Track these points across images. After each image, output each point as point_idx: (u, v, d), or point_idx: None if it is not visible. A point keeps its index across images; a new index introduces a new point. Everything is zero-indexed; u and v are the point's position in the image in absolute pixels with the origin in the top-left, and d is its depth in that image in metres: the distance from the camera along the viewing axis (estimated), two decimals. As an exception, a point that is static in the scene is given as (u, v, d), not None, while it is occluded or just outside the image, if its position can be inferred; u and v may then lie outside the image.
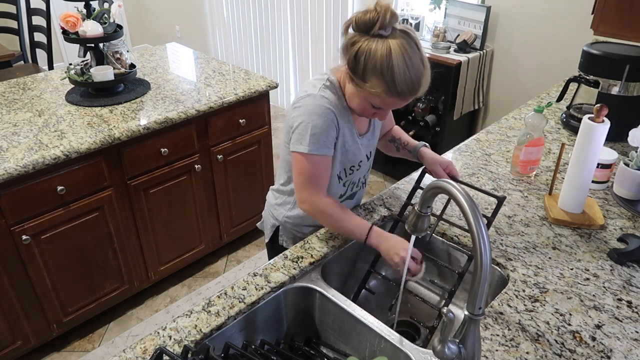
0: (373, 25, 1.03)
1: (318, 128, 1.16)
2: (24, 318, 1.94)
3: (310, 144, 1.16)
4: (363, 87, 1.09)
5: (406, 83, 1.05)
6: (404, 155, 1.47)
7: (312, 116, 1.16)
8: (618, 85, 1.74)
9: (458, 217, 1.40)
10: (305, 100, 1.18)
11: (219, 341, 1.05)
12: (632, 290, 1.15)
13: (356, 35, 1.07)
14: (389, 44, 1.03)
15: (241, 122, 2.37)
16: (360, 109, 1.17)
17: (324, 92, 1.18)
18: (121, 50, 2.25)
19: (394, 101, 1.10)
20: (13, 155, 1.75)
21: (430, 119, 3.09)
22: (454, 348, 0.84)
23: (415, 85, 1.07)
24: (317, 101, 1.17)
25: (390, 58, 1.03)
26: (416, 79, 1.06)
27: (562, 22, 2.67)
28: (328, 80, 1.20)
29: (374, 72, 1.05)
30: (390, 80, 1.05)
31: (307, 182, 1.21)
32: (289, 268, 1.22)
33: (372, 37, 1.05)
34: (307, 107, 1.17)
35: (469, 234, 1.09)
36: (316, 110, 1.16)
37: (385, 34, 1.05)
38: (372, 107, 1.14)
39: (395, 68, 1.03)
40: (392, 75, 1.04)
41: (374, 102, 1.12)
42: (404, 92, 1.07)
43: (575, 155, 1.33)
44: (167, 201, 2.24)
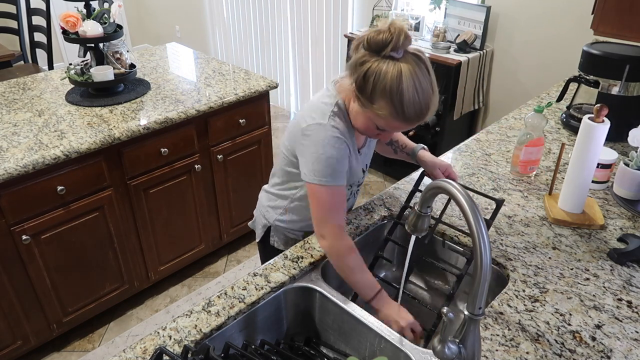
0: (385, 46, 1.01)
1: (334, 159, 1.14)
2: (24, 318, 1.94)
3: (327, 175, 1.14)
4: (370, 108, 1.07)
5: (414, 108, 1.04)
6: (402, 157, 1.46)
7: (326, 147, 1.14)
8: (618, 85, 1.74)
9: (458, 217, 1.40)
10: (315, 129, 1.15)
11: (219, 341, 1.05)
12: (632, 290, 1.15)
13: (366, 55, 1.05)
14: (400, 67, 1.01)
15: (241, 122, 2.37)
16: (364, 128, 1.15)
17: (334, 122, 1.15)
18: (121, 50, 2.25)
19: (400, 125, 1.08)
20: (13, 155, 1.75)
21: (430, 119, 3.09)
22: (454, 348, 0.84)
23: (423, 110, 1.05)
24: (328, 132, 1.14)
25: (400, 82, 1.01)
26: (424, 104, 1.05)
27: (562, 22, 2.67)
28: (337, 105, 1.17)
29: (382, 95, 1.03)
30: (398, 104, 1.03)
31: (329, 215, 1.18)
32: (289, 268, 1.22)
33: (383, 58, 1.02)
34: (318, 137, 1.14)
35: (469, 234, 1.10)
36: (329, 141, 1.14)
37: (397, 56, 1.02)
38: (377, 129, 1.13)
39: (405, 92, 1.01)
40: (400, 99, 1.02)
41: (379, 123, 1.10)
42: (411, 117, 1.05)
43: (575, 155, 1.33)
44: (167, 201, 2.24)
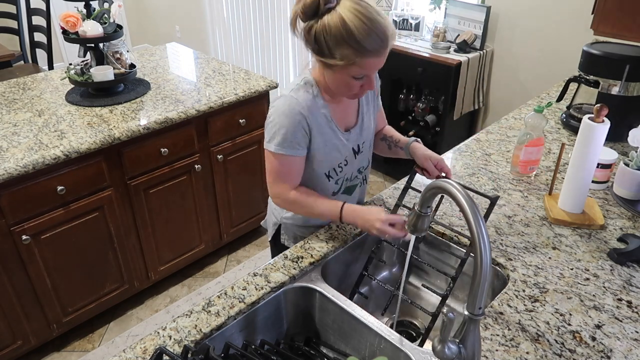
0: (318, 4, 1.06)
1: (285, 129, 1.19)
2: (24, 318, 1.94)
3: (279, 143, 1.20)
4: (335, 63, 1.10)
5: (372, 38, 1.07)
6: (395, 153, 1.45)
7: (281, 116, 1.19)
8: (618, 85, 1.74)
9: (458, 217, 1.40)
10: (277, 102, 1.21)
11: (219, 341, 1.05)
12: (632, 290, 1.15)
13: (309, 23, 1.10)
14: (339, 13, 1.06)
15: (241, 122, 2.37)
16: (345, 89, 1.18)
17: (295, 94, 1.21)
18: (121, 50, 2.25)
19: (371, 61, 1.10)
20: (13, 155, 1.75)
21: (430, 119, 3.09)
22: (454, 348, 0.84)
23: (381, 35, 1.08)
24: (287, 101, 1.20)
25: (344, 23, 1.05)
26: (378, 30, 1.07)
27: (562, 22, 2.67)
28: (303, 80, 1.23)
29: (337, 44, 1.07)
30: (355, 43, 1.06)
31: (276, 179, 1.26)
32: (289, 268, 1.22)
33: (322, 15, 1.07)
34: (278, 107, 1.20)
35: (469, 235, 1.10)
36: (284, 110, 1.19)
37: (332, 5, 1.07)
38: (356, 80, 1.14)
39: (354, 30, 1.05)
40: (354, 38, 1.06)
41: (353, 72, 1.12)
42: (374, 47, 1.08)
43: (575, 155, 1.33)
44: (167, 201, 2.24)
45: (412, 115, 3.20)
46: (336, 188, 1.37)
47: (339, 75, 1.14)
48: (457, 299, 1.39)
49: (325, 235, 1.33)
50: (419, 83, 3.11)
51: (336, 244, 1.30)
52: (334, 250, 1.29)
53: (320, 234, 1.34)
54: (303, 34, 1.12)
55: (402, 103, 3.22)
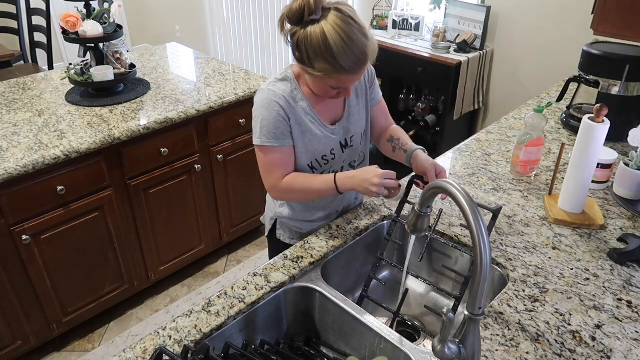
0: (302, 13, 1.08)
1: (265, 120, 1.21)
2: (24, 318, 1.94)
3: (261, 135, 1.22)
4: (313, 72, 1.13)
5: (349, 58, 1.08)
6: (399, 157, 1.38)
7: (260, 109, 1.22)
8: (618, 85, 1.74)
9: (458, 217, 1.40)
10: (257, 96, 1.25)
11: (219, 341, 1.05)
12: (632, 290, 1.15)
13: (293, 28, 1.12)
14: (322, 27, 1.07)
15: (241, 122, 2.37)
16: (322, 93, 1.21)
17: (273, 86, 1.23)
18: (121, 50, 2.25)
19: (346, 77, 1.13)
20: (13, 155, 1.75)
21: (430, 119, 3.09)
22: (454, 348, 0.84)
23: (359, 57, 1.09)
24: (264, 95, 1.22)
25: (325, 39, 1.06)
26: (359, 51, 1.09)
27: (562, 22, 2.67)
28: (283, 74, 1.25)
29: (316, 57, 1.10)
30: (332, 60, 1.08)
31: (267, 172, 1.28)
32: (289, 268, 1.22)
33: (306, 24, 1.09)
34: (257, 102, 1.23)
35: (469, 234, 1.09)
36: (262, 103, 1.21)
37: (316, 17, 1.08)
38: (332, 89, 1.18)
39: (333, 47, 1.07)
40: (332, 55, 1.07)
41: (329, 83, 1.15)
42: (350, 67, 1.10)
43: (575, 155, 1.33)
44: (167, 201, 2.24)
45: (412, 115, 3.20)
46: None
47: (316, 82, 1.18)
48: (462, 301, 1.39)
49: (325, 235, 1.33)
50: (419, 83, 3.11)
51: (336, 244, 1.30)
52: (334, 250, 1.29)
53: (320, 233, 1.34)
54: (287, 37, 1.15)
55: (402, 103, 3.22)
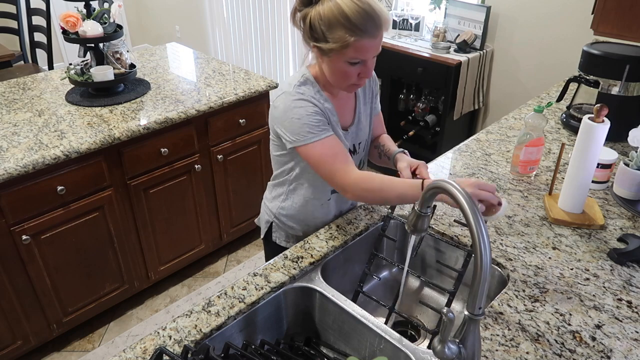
0: None
1: (305, 117, 1.18)
2: (24, 318, 1.94)
3: (307, 133, 1.18)
4: (330, 48, 1.12)
5: (364, 18, 1.08)
6: (384, 162, 1.43)
7: (294, 110, 1.18)
8: (618, 85, 1.74)
9: (458, 217, 1.40)
10: (281, 98, 1.21)
11: (219, 341, 1.05)
12: (632, 290, 1.15)
13: (304, 11, 1.14)
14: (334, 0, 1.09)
15: (241, 122, 2.37)
16: (343, 77, 1.17)
17: (299, 89, 1.21)
18: (121, 50, 2.25)
19: (365, 42, 1.11)
20: (13, 155, 1.75)
21: (430, 119, 3.09)
22: (454, 348, 0.84)
23: (374, 18, 1.09)
24: (291, 97, 1.20)
25: (338, 6, 1.08)
26: (372, 12, 1.09)
27: (562, 22, 2.67)
28: (303, 76, 1.24)
29: (330, 27, 1.09)
30: (347, 23, 1.08)
31: (330, 168, 1.19)
32: (289, 268, 1.22)
33: (316, 3, 1.11)
34: (285, 104, 1.20)
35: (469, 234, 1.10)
36: (294, 104, 1.19)
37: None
38: (352, 66, 1.15)
39: (347, 10, 1.07)
40: (346, 17, 1.08)
41: (348, 57, 1.12)
42: (366, 27, 1.09)
43: (575, 155, 1.33)
44: (167, 201, 2.24)
45: (412, 115, 3.20)
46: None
47: (335, 62, 1.15)
48: (458, 298, 1.39)
49: (325, 235, 1.33)
50: (419, 83, 3.11)
51: (336, 244, 1.30)
52: (334, 250, 1.29)
53: (320, 233, 1.34)
54: (300, 24, 1.15)
55: (402, 103, 3.22)
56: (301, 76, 1.24)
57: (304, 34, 1.17)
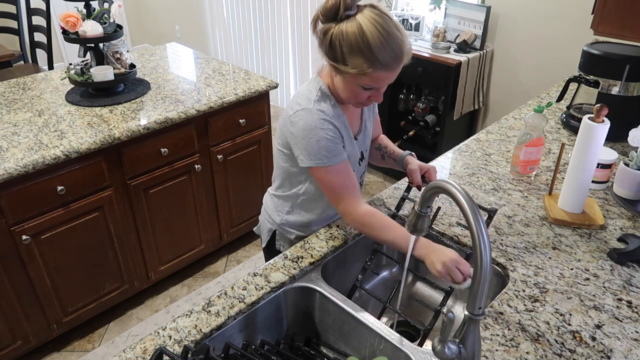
0: (337, 9, 1.05)
1: (324, 140, 1.15)
2: (24, 318, 1.94)
3: (323, 157, 1.16)
4: (347, 70, 1.09)
5: (386, 51, 1.05)
6: (389, 164, 1.44)
7: (314, 130, 1.15)
8: (618, 85, 1.74)
9: (458, 217, 1.40)
10: (301, 115, 1.17)
11: (219, 341, 1.05)
12: (632, 290, 1.15)
13: (326, 25, 1.09)
14: (358, 21, 1.04)
15: (241, 122, 2.37)
16: (353, 97, 1.16)
17: (319, 105, 1.18)
18: (121, 50, 2.25)
19: (382, 74, 1.09)
20: (13, 155, 1.75)
21: (430, 119, 3.09)
22: (454, 348, 0.84)
23: (396, 51, 1.07)
24: (314, 115, 1.16)
25: (362, 32, 1.04)
26: (394, 45, 1.06)
27: (562, 22, 2.67)
28: (320, 90, 1.20)
29: (351, 52, 1.06)
30: (369, 53, 1.05)
31: (339, 193, 1.20)
32: (289, 268, 1.22)
33: (341, 21, 1.06)
34: (305, 122, 1.16)
35: (469, 234, 1.10)
36: (316, 124, 1.15)
37: (352, 13, 1.06)
38: (364, 90, 1.13)
39: (370, 40, 1.04)
40: (369, 47, 1.04)
41: (363, 82, 1.11)
42: (387, 61, 1.07)
43: (575, 155, 1.33)
44: (167, 201, 2.24)
45: (412, 115, 3.20)
46: None
47: (348, 83, 1.13)
48: (457, 298, 1.39)
49: (325, 235, 1.33)
50: (419, 83, 3.11)
51: (336, 244, 1.30)
52: (333, 250, 1.29)
53: (320, 234, 1.34)
54: (320, 36, 1.11)
55: (402, 103, 3.22)
56: (318, 89, 1.20)
57: (321, 46, 1.12)
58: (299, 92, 1.22)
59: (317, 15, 1.09)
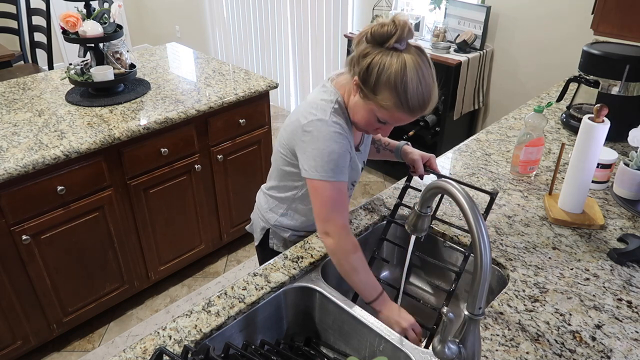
0: (390, 37, 1.03)
1: (336, 154, 1.14)
2: (24, 318, 1.94)
3: (330, 170, 1.14)
4: (373, 99, 1.07)
5: (418, 99, 1.05)
6: (385, 156, 1.46)
7: (327, 142, 1.13)
8: (618, 85, 1.74)
9: (458, 217, 1.40)
10: (316, 125, 1.14)
11: (219, 341, 1.05)
12: (632, 290, 1.15)
13: (369, 47, 1.06)
14: (403, 58, 1.03)
15: (241, 122, 2.37)
16: (364, 122, 1.15)
17: (335, 118, 1.15)
18: (121, 50, 2.25)
19: (403, 116, 1.08)
20: (13, 155, 1.75)
21: (430, 119, 3.09)
22: (454, 348, 0.84)
23: (425, 101, 1.06)
24: (330, 128, 1.14)
25: (405, 72, 1.02)
26: (427, 95, 1.06)
27: (562, 22, 2.67)
28: (337, 102, 1.17)
29: (386, 85, 1.04)
30: (403, 94, 1.03)
31: (332, 211, 1.16)
32: (289, 268, 1.22)
33: (387, 50, 1.04)
34: (320, 133, 1.14)
35: (469, 233, 1.10)
36: (331, 137, 1.14)
37: (401, 47, 1.04)
38: (378, 122, 1.12)
39: (409, 83, 1.02)
40: (405, 89, 1.03)
41: (381, 116, 1.10)
42: (414, 107, 1.06)
43: (575, 155, 1.33)
44: (167, 201, 2.24)
45: (412, 115, 3.19)
46: None
47: (366, 110, 1.11)
48: (458, 298, 1.39)
49: (325, 235, 1.33)
50: (419, 83, 3.11)
51: (336, 244, 1.30)
52: (334, 250, 1.29)
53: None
54: (359, 55, 1.08)
55: (402, 103, 3.22)
56: (335, 101, 1.17)
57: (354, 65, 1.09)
58: (313, 101, 1.19)
59: (365, 33, 1.07)
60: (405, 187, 1.40)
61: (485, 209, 1.29)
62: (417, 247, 1.17)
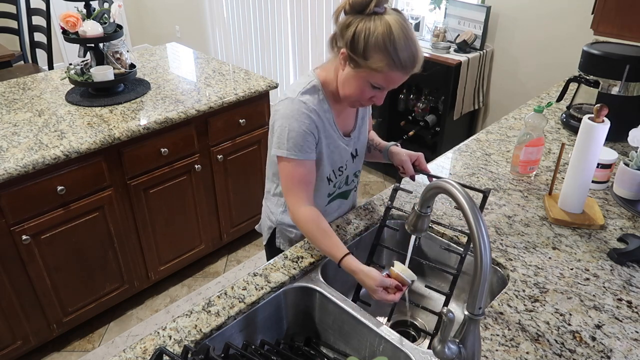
0: (369, 3, 1.06)
1: (295, 132, 1.16)
2: (24, 318, 1.94)
3: (289, 147, 1.17)
4: (364, 65, 1.09)
5: (408, 55, 1.08)
6: (375, 156, 1.46)
7: (289, 119, 1.17)
8: (618, 85, 1.74)
9: (458, 217, 1.40)
10: (283, 104, 1.19)
11: (219, 341, 1.05)
12: (632, 290, 1.15)
13: (350, 17, 1.09)
14: (386, 20, 1.06)
15: (241, 122, 2.37)
16: (358, 92, 1.15)
17: (303, 97, 1.18)
18: (121, 50, 2.25)
19: (397, 76, 1.11)
20: (13, 155, 1.75)
21: (430, 119, 3.09)
22: (454, 348, 0.84)
23: (415, 57, 1.09)
24: (294, 105, 1.17)
25: (391, 32, 1.05)
26: (415, 50, 1.09)
27: (562, 22, 2.67)
28: (310, 83, 1.21)
29: (376, 48, 1.06)
30: (394, 53, 1.06)
31: (292, 187, 1.21)
32: (289, 268, 1.22)
33: (368, 15, 1.07)
34: (284, 110, 1.18)
35: (468, 233, 1.10)
36: (293, 114, 1.17)
37: (381, 11, 1.07)
38: (371, 89, 1.14)
39: (397, 41, 1.05)
40: (395, 48, 1.06)
41: (375, 80, 1.11)
42: (406, 64, 1.09)
43: (575, 155, 1.33)
44: (167, 201, 2.24)
45: (412, 115, 3.20)
46: (332, 191, 1.37)
47: (358, 79, 1.13)
48: (458, 299, 1.39)
49: (325, 235, 1.33)
50: (419, 83, 3.11)
51: (336, 244, 1.30)
52: (334, 250, 1.29)
53: (320, 234, 1.34)
54: (342, 27, 1.11)
55: (402, 103, 3.22)
56: (308, 82, 1.21)
57: (338, 38, 1.12)
58: (290, 86, 1.24)
59: (343, 6, 1.10)
60: (396, 189, 1.37)
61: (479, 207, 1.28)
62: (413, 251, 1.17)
